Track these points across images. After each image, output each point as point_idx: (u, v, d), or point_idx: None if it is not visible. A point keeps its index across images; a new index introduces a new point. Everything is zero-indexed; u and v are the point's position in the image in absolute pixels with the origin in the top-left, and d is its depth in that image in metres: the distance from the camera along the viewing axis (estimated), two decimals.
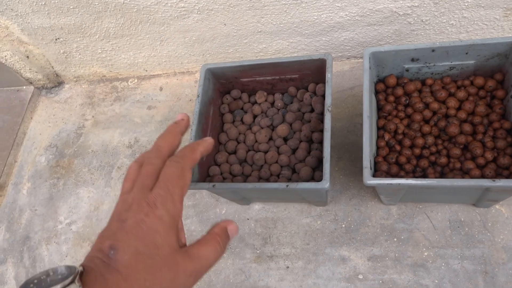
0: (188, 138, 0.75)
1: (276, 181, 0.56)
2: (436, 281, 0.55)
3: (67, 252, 0.73)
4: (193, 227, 0.68)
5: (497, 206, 0.56)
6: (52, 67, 0.87)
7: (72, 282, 0.30)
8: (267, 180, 0.57)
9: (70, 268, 0.30)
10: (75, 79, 0.91)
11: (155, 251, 0.32)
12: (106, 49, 0.79)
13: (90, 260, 0.32)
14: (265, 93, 0.64)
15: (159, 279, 0.32)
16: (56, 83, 0.92)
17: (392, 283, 0.56)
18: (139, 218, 0.33)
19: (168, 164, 0.37)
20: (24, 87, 0.92)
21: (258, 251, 0.63)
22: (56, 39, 0.78)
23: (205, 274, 0.35)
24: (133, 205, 0.34)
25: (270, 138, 0.60)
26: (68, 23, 0.73)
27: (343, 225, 0.61)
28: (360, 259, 0.59)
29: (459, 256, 0.55)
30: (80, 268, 0.31)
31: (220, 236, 0.35)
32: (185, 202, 0.70)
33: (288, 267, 0.61)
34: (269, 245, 0.63)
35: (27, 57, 0.84)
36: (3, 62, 0.84)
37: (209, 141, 0.39)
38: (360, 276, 0.58)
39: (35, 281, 0.30)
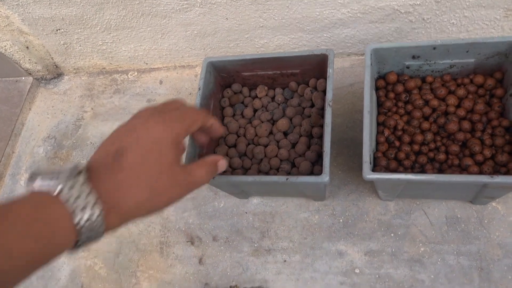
0: None
1: (275, 175, 0.57)
2: (432, 276, 0.55)
3: None
4: (191, 220, 0.68)
5: (493, 203, 0.57)
6: (51, 58, 0.87)
7: (80, 173, 0.32)
8: (267, 173, 0.58)
9: (72, 166, 0.33)
10: (74, 71, 0.91)
11: (159, 158, 0.35)
12: (106, 41, 0.79)
13: (94, 160, 0.35)
14: (266, 88, 0.64)
15: (159, 183, 0.35)
16: (55, 74, 0.92)
17: (388, 277, 0.57)
18: (148, 126, 0.37)
19: (189, 105, 0.43)
20: (23, 78, 0.92)
21: (255, 245, 0.64)
22: (57, 30, 0.78)
23: (193, 191, 0.39)
24: (144, 117, 0.38)
25: (270, 132, 0.61)
26: (70, 14, 0.73)
27: (341, 220, 0.62)
28: (357, 254, 0.59)
29: (455, 252, 0.56)
30: (84, 165, 0.33)
31: (210, 165, 0.41)
32: None
33: (285, 260, 0.61)
34: (267, 239, 0.64)
35: (27, 47, 0.83)
36: (3, 52, 0.84)
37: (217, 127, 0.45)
38: (357, 271, 0.58)
39: (42, 171, 0.32)
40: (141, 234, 0.70)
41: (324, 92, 0.58)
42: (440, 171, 0.51)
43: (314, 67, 0.59)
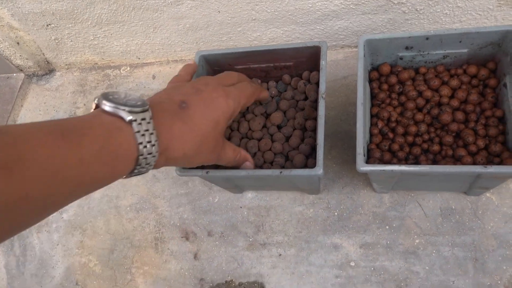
0: None
1: (269, 168, 0.56)
2: (427, 267, 0.55)
3: (58, 240, 0.72)
4: (186, 215, 0.68)
5: (487, 194, 0.57)
6: (43, 54, 0.86)
7: (148, 109, 0.34)
8: (260, 167, 0.57)
9: (141, 99, 0.34)
10: (66, 67, 0.90)
11: (216, 124, 0.40)
12: (98, 36, 0.79)
13: (157, 101, 0.38)
14: (259, 81, 0.63)
15: (205, 145, 0.39)
16: (47, 70, 0.91)
17: (383, 270, 0.56)
18: (214, 96, 0.41)
19: (247, 82, 0.49)
20: (14, 74, 0.91)
21: (250, 239, 0.63)
22: (48, 25, 0.77)
23: (217, 163, 0.46)
24: (211, 85, 0.42)
25: (264, 126, 0.60)
26: (60, 9, 0.72)
27: (336, 213, 0.62)
28: (352, 247, 0.59)
29: (449, 243, 0.56)
30: (147, 102, 0.35)
31: (240, 156, 0.49)
32: (177, 191, 0.70)
33: (280, 254, 0.61)
34: (261, 233, 0.63)
35: (18, 43, 0.82)
36: None
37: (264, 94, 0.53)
38: (352, 263, 0.58)
39: (114, 95, 0.34)
40: (135, 230, 0.69)
41: (317, 84, 0.58)
42: (434, 162, 0.51)
43: (307, 60, 0.58)
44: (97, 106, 0.33)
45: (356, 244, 0.59)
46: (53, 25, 0.77)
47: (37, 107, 0.88)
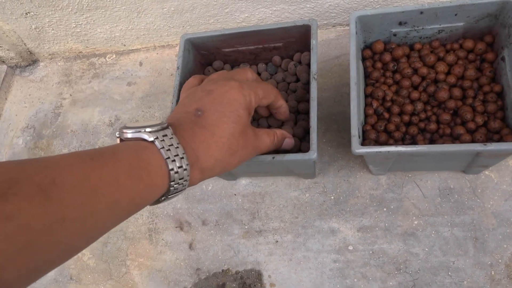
0: (168, 112, 0.73)
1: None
2: (427, 249, 0.54)
3: None
4: (179, 204, 0.66)
5: (486, 172, 0.56)
6: (24, 44, 0.83)
7: (168, 127, 0.34)
8: None
9: (159, 120, 0.35)
10: (50, 57, 0.87)
11: (237, 118, 0.38)
12: (80, 23, 0.76)
13: (175, 118, 0.38)
14: (248, 66, 0.61)
15: (235, 143, 0.38)
16: (30, 61, 0.88)
17: (382, 253, 0.55)
18: (225, 89, 0.39)
19: (261, 80, 0.47)
20: None
21: (246, 227, 0.62)
22: (27, 13, 0.74)
23: (255, 155, 0.43)
24: (220, 81, 0.40)
25: (253, 119, 0.58)
26: None
27: (332, 197, 0.60)
28: (349, 231, 0.58)
29: (449, 224, 0.55)
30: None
31: (277, 137, 0.45)
32: None
33: (277, 241, 0.60)
34: (257, 220, 0.62)
35: None
36: None
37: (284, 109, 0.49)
38: (350, 247, 0.57)
39: (132, 124, 0.34)
40: (128, 222, 0.68)
41: (308, 65, 0.56)
42: (432, 141, 0.50)
43: (298, 40, 0.56)
44: (121, 140, 0.35)
45: (353, 228, 0.58)
46: (32, 13, 0.74)
47: (22, 99, 0.85)
